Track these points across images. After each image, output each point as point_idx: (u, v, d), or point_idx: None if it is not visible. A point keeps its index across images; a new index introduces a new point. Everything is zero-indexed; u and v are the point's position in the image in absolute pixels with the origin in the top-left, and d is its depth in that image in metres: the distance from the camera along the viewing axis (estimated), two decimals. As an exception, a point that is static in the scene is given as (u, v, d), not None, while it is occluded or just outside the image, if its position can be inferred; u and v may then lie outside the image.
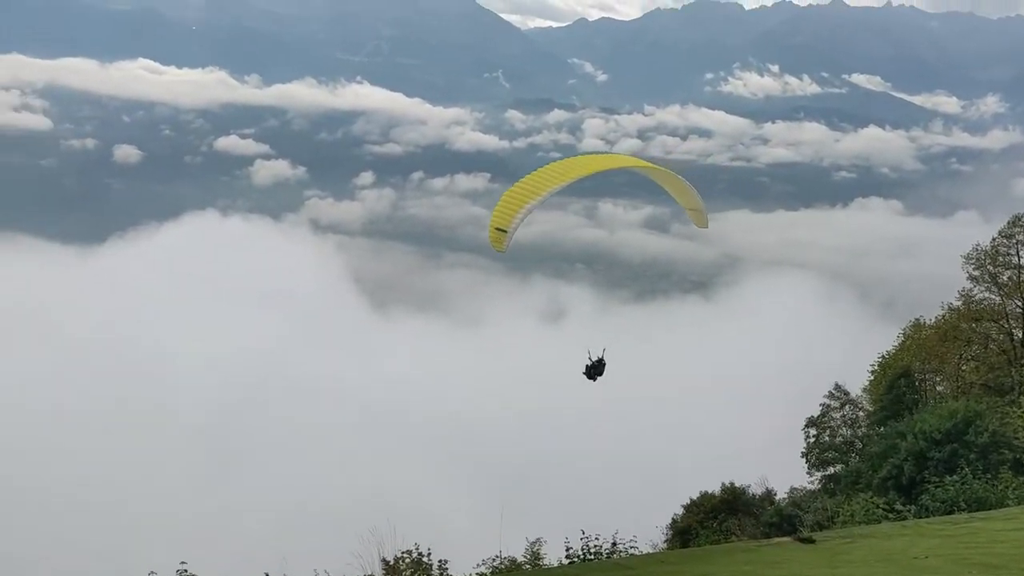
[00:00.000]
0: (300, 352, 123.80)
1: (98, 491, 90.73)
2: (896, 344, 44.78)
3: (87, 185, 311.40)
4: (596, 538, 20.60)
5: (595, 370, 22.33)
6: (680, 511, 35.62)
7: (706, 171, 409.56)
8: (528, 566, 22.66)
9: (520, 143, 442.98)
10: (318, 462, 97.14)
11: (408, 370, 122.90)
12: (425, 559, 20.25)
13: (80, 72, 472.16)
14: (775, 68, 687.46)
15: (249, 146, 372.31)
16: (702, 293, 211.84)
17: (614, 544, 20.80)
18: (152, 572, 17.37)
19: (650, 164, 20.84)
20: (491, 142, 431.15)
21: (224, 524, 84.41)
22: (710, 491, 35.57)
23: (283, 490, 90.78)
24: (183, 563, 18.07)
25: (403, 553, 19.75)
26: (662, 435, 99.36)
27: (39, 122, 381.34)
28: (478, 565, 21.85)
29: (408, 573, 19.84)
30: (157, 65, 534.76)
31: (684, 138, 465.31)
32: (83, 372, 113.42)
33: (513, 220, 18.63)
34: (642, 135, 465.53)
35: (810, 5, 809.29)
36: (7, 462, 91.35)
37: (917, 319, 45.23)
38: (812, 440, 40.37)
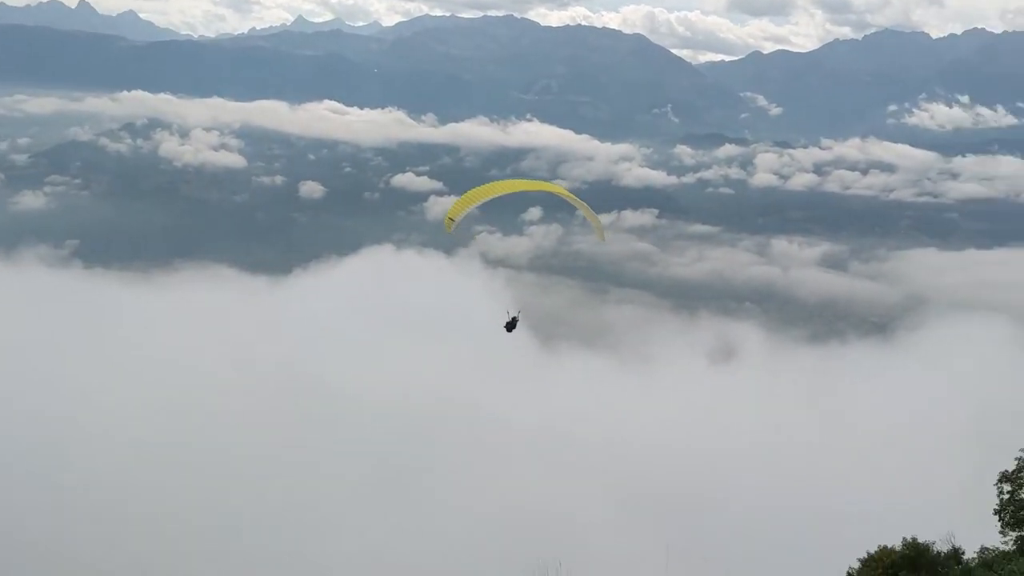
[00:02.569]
0: (468, 383, 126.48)
1: (269, 506, 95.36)
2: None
3: (275, 219, 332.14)
4: (767, 586, 20.03)
5: (511, 326, 33.79)
6: (856, 565, 33.84)
7: (888, 207, 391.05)
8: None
9: (689, 178, 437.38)
10: (481, 493, 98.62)
11: (575, 405, 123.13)
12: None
13: (272, 113, 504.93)
14: (965, 99, 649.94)
15: (424, 183, 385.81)
16: (883, 336, 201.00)
17: (786, 594, 20.12)
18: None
19: (564, 191, 33.24)
20: (659, 177, 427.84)
21: (389, 551, 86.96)
22: (889, 546, 33.61)
23: (449, 520, 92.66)
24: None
25: (568, 587, 19.90)
26: (837, 483, 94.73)
27: (235, 160, 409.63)
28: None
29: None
30: (341, 106, 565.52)
31: (864, 172, 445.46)
32: (266, 394, 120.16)
33: (460, 214, 30.74)
34: (818, 169, 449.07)
35: (1005, 32, 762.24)
36: (194, 476, 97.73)
37: None
38: (1007, 496, 37.32)
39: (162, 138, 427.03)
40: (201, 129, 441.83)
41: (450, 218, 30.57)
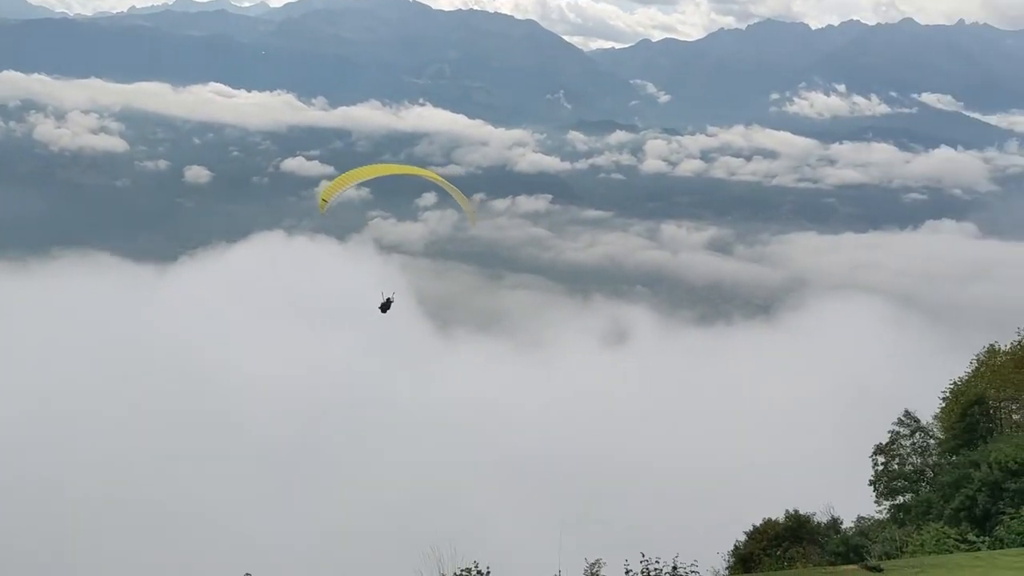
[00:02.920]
0: (363, 370, 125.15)
1: (161, 500, 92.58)
2: (969, 370, 43.31)
3: (159, 205, 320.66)
4: (656, 562, 20.32)
5: (385, 307, 35.74)
6: (742, 538, 34.95)
7: (771, 193, 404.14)
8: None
9: (582, 164, 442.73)
10: (379, 479, 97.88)
11: (470, 390, 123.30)
12: (484, 577, 20.19)
13: (155, 95, 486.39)
14: (842, 88, 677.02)
15: (314, 167, 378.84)
16: (766, 317, 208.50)
17: (675, 568, 20.44)
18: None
19: (438, 177, 33.73)
20: (553, 163, 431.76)
21: (285, 539, 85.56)
22: (773, 518, 34.82)
23: (344, 506, 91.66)
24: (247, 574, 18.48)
25: (463, 571, 19.80)
26: (724, 460, 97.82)
27: (116, 144, 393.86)
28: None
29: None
30: (227, 88, 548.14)
31: (748, 159, 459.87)
32: (154, 386, 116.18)
33: (333, 196, 31.35)
34: (705, 156, 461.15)
35: (879, 24, 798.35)
36: (78, 470, 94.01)
37: (992, 345, 43.59)
38: (880, 468, 39.16)
39: (37, 121, 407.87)
40: (79, 111, 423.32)
41: (323, 199, 30.73)
